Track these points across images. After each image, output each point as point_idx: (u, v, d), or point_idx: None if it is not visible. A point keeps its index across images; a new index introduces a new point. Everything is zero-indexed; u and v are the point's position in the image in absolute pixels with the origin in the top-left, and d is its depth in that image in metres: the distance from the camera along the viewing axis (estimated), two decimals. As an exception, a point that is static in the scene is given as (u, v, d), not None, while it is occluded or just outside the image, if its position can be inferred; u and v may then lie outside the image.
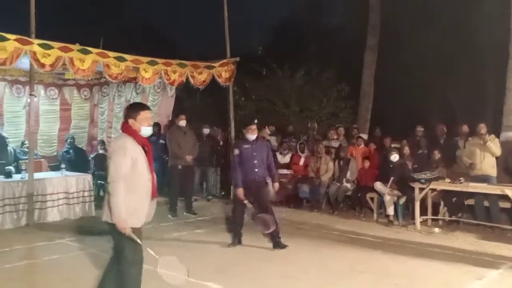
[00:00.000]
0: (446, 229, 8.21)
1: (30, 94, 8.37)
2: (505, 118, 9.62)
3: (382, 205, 9.03)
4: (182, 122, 9.35)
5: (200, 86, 9.98)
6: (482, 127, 8.34)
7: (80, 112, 12.51)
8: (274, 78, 15.71)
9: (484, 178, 8.14)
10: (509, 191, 7.31)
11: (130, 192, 3.88)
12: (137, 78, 9.33)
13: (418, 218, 8.25)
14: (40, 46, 7.75)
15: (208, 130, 11.10)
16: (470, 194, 8.05)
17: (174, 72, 9.50)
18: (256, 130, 6.98)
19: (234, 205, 7.20)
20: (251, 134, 6.96)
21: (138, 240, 3.94)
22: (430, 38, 15.41)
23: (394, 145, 9.87)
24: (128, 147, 3.93)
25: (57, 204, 8.56)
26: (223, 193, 11.50)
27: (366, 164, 9.67)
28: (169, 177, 9.08)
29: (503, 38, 10.22)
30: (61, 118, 12.17)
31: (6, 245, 6.84)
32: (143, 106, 4.25)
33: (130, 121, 4.05)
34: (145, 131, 4.10)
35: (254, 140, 6.97)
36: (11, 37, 7.45)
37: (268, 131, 9.29)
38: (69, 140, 11.38)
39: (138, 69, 9.05)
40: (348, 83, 15.24)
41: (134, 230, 3.92)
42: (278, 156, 10.95)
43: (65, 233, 7.62)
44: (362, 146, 10.39)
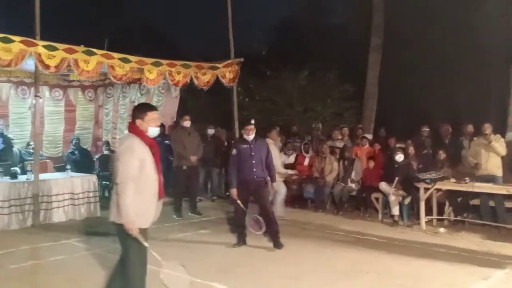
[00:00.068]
0: (451, 229, 8.18)
1: (35, 96, 8.41)
2: (510, 118, 9.60)
3: (387, 205, 9.00)
4: (187, 123, 9.37)
5: (204, 87, 9.97)
6: (487, 127, 8.33)
7: (84, 113, 12.54)
8: (278, 79, 15.72)
9: (489, 178, 8.12)
10: (514, 191, 7.29)
11: (137, 193, 3.88)
12: (141, 79, 9.34)
13: (423, 218, 8.23)
14: (45, 47, 7.77)
15: (212, 131, 11.13)
16: (475, 194, 8.02)
17: (179, 73, 9.50)
18: (253, 130, 6.97)
19: (234, 206, 7.20)
20: (249, 134, 6.96)
21: (144, 241, 3.94)
22: (434, 38, 15.37)
23: (399, 145, 9.84)
24: (135, 148, 3.92)
25: (62, 204, 8.60)
26: (228, 193, 11.46)
27: (371, 164, 9.65)
28: (174, 177, 9.10)
29: (507, 38, 10.19)
30: (66, 119, 12.20)
31: (12, 245, 6.87)
32: (151, 107, 4.25)
33: (138, 121, 4.05)
34: (152, 132, 4.10)
35: (253, 140, 6.97)
36: (16, 38, 7.48)
37: (277, 134, 9.25)
38: (74, 141, 11.42)
39: (143, 70, 9.06)
40: (352, 84, 15.24)
41: (140, 231, 3.93)
42: (282, 156, 10.95)
43: (70, 233, 7.64)
44: (367, 146, 10.39)
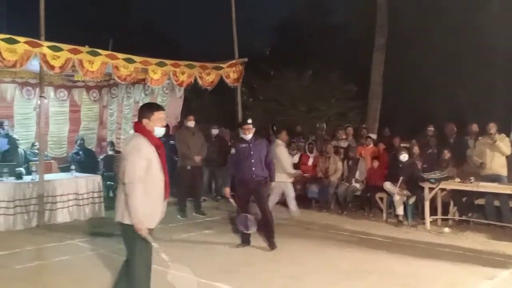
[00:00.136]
0: (456, 229, 8.16)
1: (40, 96, 8.43)
2: (515, 117, 9.55)
3: (391, 205, 8.98)
4: (191, 123, 9.38)
5: (208, 87, 9.98)
6: (492, 127, 8.31)
7: (89, 113, 12.56)
8: (282, 79, 15.71)
9: (494, 178, 8.10)
10: (519, 191, 7.27)
11: (144, 193, 3.87)
12: (145, 79, 9.35)
13: (428, 218, 8.21)
14: (49, 48, 7.80)
15: (216, 131, 11.13)
16: (480, 194, 8.00)
17: (183, 73, 9.51)
18: (251, 129, 6.93)
19: (237, 206, 7.20)
20: (246, 134, 6.95)
21: (153, 241, 3.95)
22: (438, 37, 15.31)
23: (404, 144, 9.82)
24: (142, 148, 3.92)
25: (67, 205, 8.62)
26: (232, 193, 11.46)
27: (375, 164, 9.63)
28: (178, 177, 9.11)
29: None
30: (70, 120, 12.23)
31: (17, 246, 6.90)
32: (158, 107, 4.25)
33: (144, 121, 4.04)
34: (158, 132, 4.09)
35: (252, 139, 6.96)
36: (21, 39, 7.50)
37: (286, 134, 9.23)
38: (78, 141, 11.44)
39: (147, 70, 9.07)
40: (356, 83, 15.22)
41: (148, 231, 3.92)
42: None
43: (75, 234, 7.66)
44: (371, 146, 10.36)
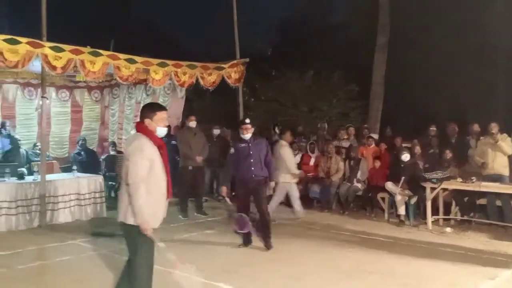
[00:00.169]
0: (458, 229, 8.15)
1: (42, 97, 8.45)
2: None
3: (393, 205, 8.97)
4: (192, 123, 9.38)
5: (209, 87, 9.98)
6: (494, 126, 8.31)
7: (91, 114, 12.58)
8: (283, 79, 15.71)
9: (496, 178, 8.09)
10: (521, 191, 7.26)
11: (147, 193, 3.87)
12: (147, 79, 9.36)
13: (429, 218, 8.20)
14: (51, 49, 7.80)
15: (218, 131, 11.13)
16: (482, 194, 7.99)
17: (184, 73, 9.51)
18: (250, 129, 6.91)
19: (237, 206, 7.20)
20: (244, 133, 6.94)
21: (158, 242, 3.95)
22: (440, 37, 15.29)
23: (405, 144, 9.81)
24: (145, 149, 3.91)
25: (69, 205, 8.62)
26: (233, 193, 11.47)
27: (377, 164, 9.63)
28: (179, 177, 9.11)
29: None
30: (72, 120, 12.25)
31: (19, 246, 6.91)
32: (160, 107, 4.24)
33: (147, 121, 4.04)
34: (160, 132, 4.09)
35: (251, 139, 6.95)
36: (23, 40, 7.51)
37: (290, 135, 9.23)
38: (80, 142, 11.46)
39: (148, 71, 9.07)
40: (357, 83, 15.21)
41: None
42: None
43: (77, 234, 7.67)
44: (373, 146, 10.36)
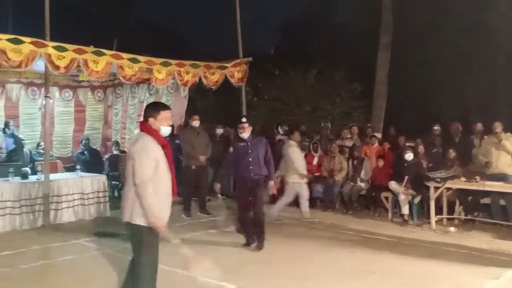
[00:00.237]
0: (461, 228, 8.13)
1: (45, 96, 8.45)
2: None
3: (396, 204, 8.96)
4: (196, 123, 9.39)
5: (213, 87, 9.99)
6: (498, 126, 8.30)
7: (94, 113, 12.61)
8: (286, 78, 15.69)
9: (500, 177, 8.05)
10: (526, 190, 7.23)
11: (154, 193, 3.86)
12: (150, 79, 9.38)
13: (433, 217, 8.18)
14: (55, 48, 7.82)
15: (221, 130, 11.13)
16: (486, 193, 7.97)
17: (187, 73, 9.52)
18: (247, 128, 6.89)
19: (238, 206, 7.20)
20: (242, 132, 6.93)
21: (173, 239, 3.96)
22: (443, 36, 15.27)
23: (409, 144, 9.80)
24: (150, 149, 3.90)
25: (72, 204, 8.64)
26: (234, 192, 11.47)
27: (380, 163, 9.61)
28: (183, 177, 9.12)
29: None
30: (75, 120, 12.28)
31: (23, 245, 6.92)
32: (164, 106, 4.25)
33: (151, 120, 4.03)
34: (164, 131, 4.09)
35: (250, 138, 6.94)
36: (27, 40, 7.53)
37: (298, 135, 9.21)
38: (83, 141, 11.48)
39: (152, 70, 9.09)
40: (361, 82, 15.18)
41: (155, 230, 3.92)
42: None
43: (80, 233, 7.68)
44: (376, 145, 10.33)
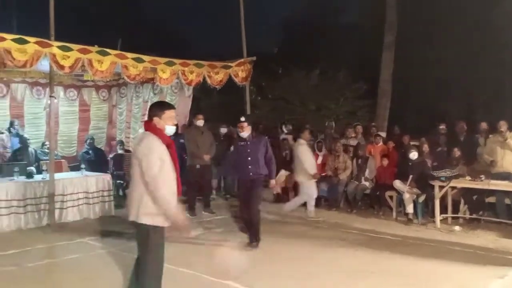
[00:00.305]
0: (466, 227, 8.11)
1: (50, 96, 8.47)
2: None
3: (401, 203, 8.94)
4: (200, 122, 9.40)
5: (217, 86, 9.99)
6: (503, 124, 8.30)
7: (98, 113, 12.65)
8: (290, 77, 15.69)
9: (505, 176, 8.02)
10: (531, 189, 7.21)
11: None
12: (154, 78, 9.38)
13: (438, 216, 8.16)
14: (59, 48, 7.83)
15: (225, 130, 11.14)
16: (491, 192, 7.94)
17: (191, 72, 9.52)
18: (246, 127, 6.89)
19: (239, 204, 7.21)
20: (241, 131, 6.94)
21: (193, 231, 3.97)
22: (448, 35, 15.24)
23: (413, 143, 9.78)
24: (155, 148, 3.91)
25: (77, 203, 8.65)
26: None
27: (385, 162, 9.59)
28: (187, 176, 9.13)
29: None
30: (80, 119, 12.32)
31: (28, 244, 6.95)
32: (169, 105, 4.26)
33: (155, 119, 4.04)
34: (169, 130, 4.10)
35: (250, 137, 6.94)
36: (31, 39, 7.55)
37: (308, 134, 9.21)
38: (88, 140, 11.51)
39: (156, 69, 9.09)
40: (365, 81, 15.17)
41: (161, 229, 3.95)
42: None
43: (85, 232, 7.70)
44: (381, 144, 10.32)
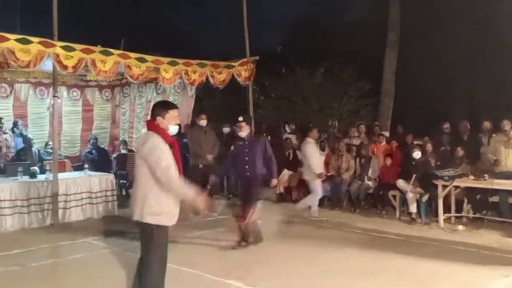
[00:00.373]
0: (470, 226, 8.09)
1: (54, 96, 8.49)
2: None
3: (404, 202, 8.92)
4: (203, 122, 9.41)
5: (219, 86, 9.99)
6: (506, 124, 8.31)
7: (102, 112, 12.66)
8: (293, 76, 15.67)
9: (509, 175, 8.01)
10: (535, 188, 7.19)
11: (162, 192, 3.88)
12: (157, 78, 9.39)
13: (441, 216, 8.15)
14: (62, 48, 7.84)
15: (228, 129, 11.14)
16: (494, 191, 7.93)
17: (194, 72, 9.53)
18: (244, 126, 6.89)
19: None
20: (239, 131, 6.95)
21: (217, 212, 3.98)
22: (452, 33, 15.17)
23: (417, 142, 9.76)
24: (160, 146, 3.90)
25: (80, 203, 8.68)
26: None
27: (388, 161, 9.57)
28: (190, 176, 9.11)
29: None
30: (83, 119, 12.33)
31: (32, 244, 6.97)
32: (172, 105, 4.27)
33: (159, 119, 4.04)
34: (172, 130, 4.10)
35: (248, 137, 6.95)
36: (35, 40, 7.56)
37: (316, 133, 9.21)
38: (91, 140, 11.53)
39: (159, 69, 9.10)
40: (368, 80, 15.13)
41: (165, 229, 3.95)
42: (298, 154, 10.91)
43: (88, 232, 7.72)
44: (384, 143, 10.30)
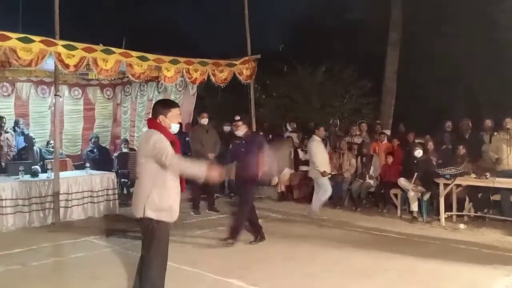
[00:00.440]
0: (471, 225, 8.09)
1: (55, 95, 8.48)
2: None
3: (406, 201, 8.92)
4: (204, 120, 9.41)
5: (221, 84, 9.99)
6: (509, 122, 8.31)
7: (103, 111, 12.67)
8: (295, 75, 15.67)
9: (510, 173, 8.02)
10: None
11: (164, 189, 3.89)
12: (159, 77, 9.38)
13: (443, 214, 8.14)
14: (64, 47, 7.85)
15: (228, 128, 11.11)
16: (496, 190, 7.92)
17: (196, 70, 9.52)
18: (241, 125, 6.91)
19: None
20: (236, 130, 6.98)
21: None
22: (453, 32, 15.16)
23: (418, 140, 9.76)
24: (163, 141, 3.91)
25: (82, 202, 8.67)
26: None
27: (390, 160, 9.56)
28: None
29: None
30: (85, 118, 12.34)
31: (34, 243, 6.97)
32: (174, 103, 4.29)
33: (161, 117, 4.05)
34: (174, 128, 4.12)
35: (245, 136, 6.97)
36: (36, 38, 7.56)
37: (323, 131, 9.20)
38: (93, 139, 11.52)
39: (160, 68, 9.10)
40: (370, 79, 15.13)
41: (166, 225, 3.95)
42: (300, 153, 10.93)
43: (90, 231, 7.72)
44: (385, 142, 10.30)
